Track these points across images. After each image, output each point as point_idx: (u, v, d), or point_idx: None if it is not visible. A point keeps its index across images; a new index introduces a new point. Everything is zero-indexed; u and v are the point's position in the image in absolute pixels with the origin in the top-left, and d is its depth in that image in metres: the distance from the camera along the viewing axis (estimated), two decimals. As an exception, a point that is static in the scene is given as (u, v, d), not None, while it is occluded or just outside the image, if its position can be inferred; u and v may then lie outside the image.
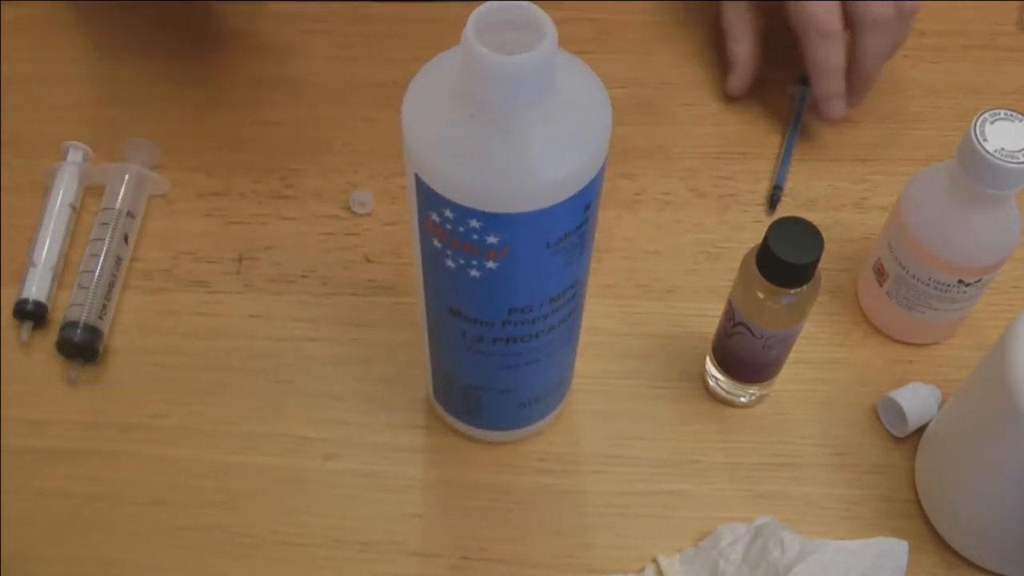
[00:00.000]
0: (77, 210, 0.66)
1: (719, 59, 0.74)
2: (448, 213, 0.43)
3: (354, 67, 0.73)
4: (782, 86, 0.72)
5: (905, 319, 0.61)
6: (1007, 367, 0.48)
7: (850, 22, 0.66)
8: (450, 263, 0.46)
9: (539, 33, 0.40)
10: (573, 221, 0.45)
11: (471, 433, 0.59)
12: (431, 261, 0.48)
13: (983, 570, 0.56)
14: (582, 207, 0.45)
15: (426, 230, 0.46)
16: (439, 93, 0.43)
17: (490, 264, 0.45)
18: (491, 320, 0.49)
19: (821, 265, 0.52)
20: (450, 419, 0.59)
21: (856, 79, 0.67)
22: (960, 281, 0.57)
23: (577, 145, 0.43)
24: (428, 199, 0.44)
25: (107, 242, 0.64)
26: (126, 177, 0.66)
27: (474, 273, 0.46)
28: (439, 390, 0.57)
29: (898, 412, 0.59)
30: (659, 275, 0.65)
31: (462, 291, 0.48)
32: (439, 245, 0.46)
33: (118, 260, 0.64)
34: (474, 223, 0.43)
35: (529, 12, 0.41)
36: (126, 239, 0.65)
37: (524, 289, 0.48)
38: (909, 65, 0.73)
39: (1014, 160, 0.51)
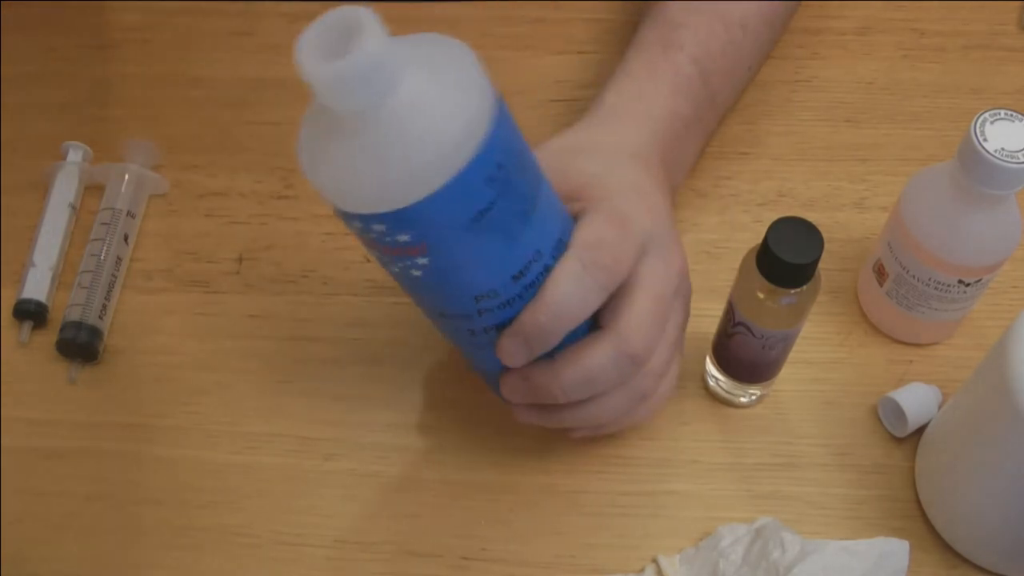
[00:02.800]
0: (77, 210, 0.66)
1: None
2: (356, 223, 0.44)
3: (354, 67, 0.73)
4: (782, 86, 0.72)
5: (905, 319, 0.61)
6: (1007, 367, 0.48)
7: None
8: (394, 268, 0.46)
9: (364, 34, 0.40)
10: (482, 196, 0.44)
11: None
12: (388, 272, 0.48)
13: (983, 570, 0.56)
14: (482, 180, 0.43)
15: (365, 245, 0.46)
16: (312, 111, 0.44)
17: (421, 260, 0.45)
18: (467, 312, 0.48)
19: (821, 265, 0.52)
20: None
21: None
22: (960, 281, 0.57)
23: (437, 127, 0.42)
24: (340, 216, 0.45)
25: (107, 242, 0.64)
26: (126, 177, 0.66)
27: (415, 273, 0.46)
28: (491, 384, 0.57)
29: (898, 412, 0.59)
30: (659, 275, 0.65)
31: (422, 291, 0.48)
32: (377, 255, 0.46)
33: (118, 260, 0.64)
34: (378, 226, 0.44)
35: (350, 14, 0.40)
36: (126, 239, 0.65)
37: (474, 275, 0.47)
38: (909, 65, 0.73)
39: (1014, 160, 0.51)
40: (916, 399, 0.59)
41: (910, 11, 0.75)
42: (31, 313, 0.62)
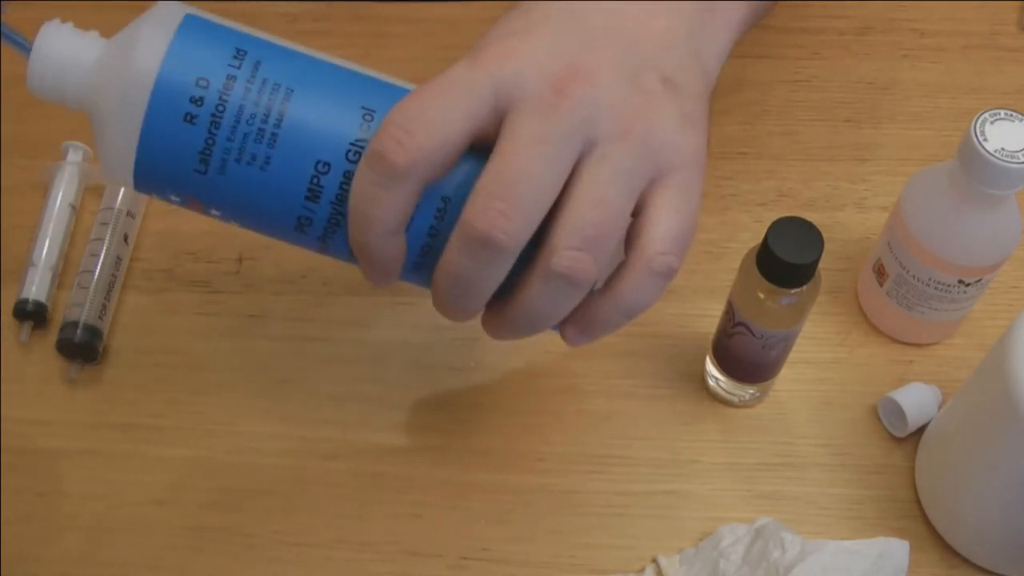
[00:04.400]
0: (77, 210, 0.66)
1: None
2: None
3: (354, 67, 0.73)
4: (782, 86, 0.72)
5: (905, 319, 0.61)
6: (1007, 367, 0.48)
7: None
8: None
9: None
10: (190, 138, 0.42)
11: None
12: None
13: (983, 570, 0.56)
14: (175, 124, 0.42)
15: None
16: None
17: (216, 212, 0.46)
18: (312, 244, 0.46)
19: (821, 265, 0.52)
20: None
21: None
22: (960, 281, 0.57)
23: (105, 102, 0.44)
24: None
25: (107, 242, 0.64)
26: (126, 177, 0.66)
27: (235, 224, 0.47)
28: None
29: (898, 412, 0.59)
30: (659, 275, 0.65)
31: (267, 237, 0.47)
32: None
33: (118, 260, 0.64)
34: (155, 196, 0.46)
35: None
36: (126, 239, 0.65)
37: (264, 209, 0.45)
38: (909, 65, 0.73)
39: (1014, 160, 0.51)
40: (916, 399, 0.59)
41: (910, 11, 0.75)
42: (31, 313, 0.62)
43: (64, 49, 0.45)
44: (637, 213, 0.44)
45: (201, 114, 0.42)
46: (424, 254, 0.45)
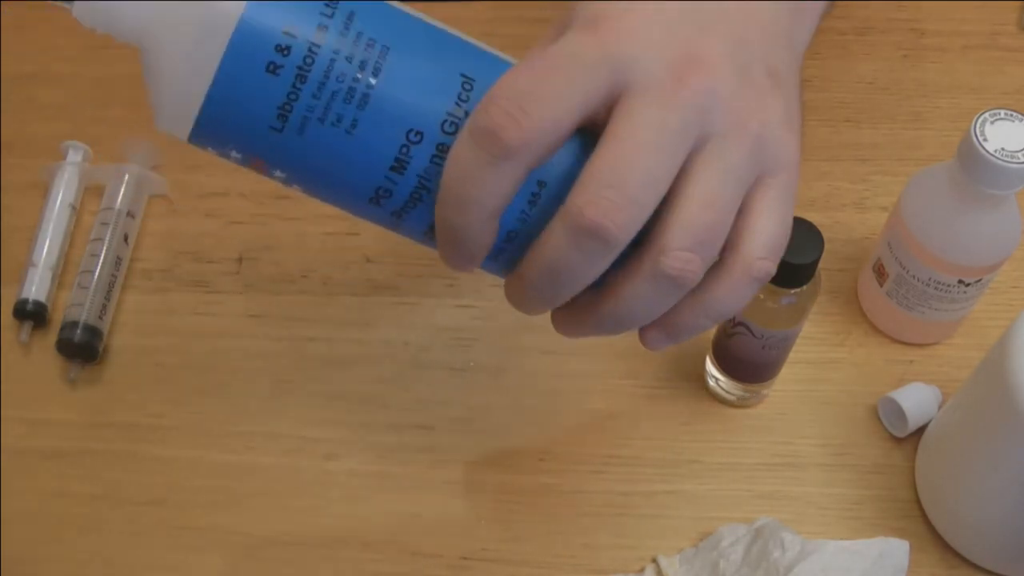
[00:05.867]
0: (77, 210, 0.66)
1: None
2: (201, 148, 0.41)
3: (354, 67, 0.73)
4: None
5: (905, 319, 0.61)
6: (1007, 367, 0.48)
7: None
8: (287, 187, 0.42)
9: None
10: (270, 91, 0.38)
11: None
12: None
13: (983, 570, 0.56)
14: (256, 74, 0.37)
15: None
16: None
17: (279, 174, 0.41)
18: (384, 219, 0.43)
19: (821, 265, 0.52)
20: None
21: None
22: (960, 281, 0.57)
23: (174, 42, 0.38)
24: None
25: (107, 242, 0.64)
26: (126, 177, 0.66)
27: (297, 188, 0.42)
28: None
29: (898, 412, 0.59)
30: (659, 275, 0.65)
31: (333, 205, 0.43)
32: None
33: (118, 260, 0.64)
34: (212, 149, 0.41)
35: None
36: (126, 239, 0.65)
37: (339, 177, 0.40)
38: (909, 65, 0.73)
39: (1014, 160, 0.51)
40: (916, 399, 0.59)
41: (910, 11, 0.75)
42: (31, 313, 0.62)
43: None
44: (738, 214, 0.42)
45: (287, 64, 0.38)
46: (509, 240, 0.41)
